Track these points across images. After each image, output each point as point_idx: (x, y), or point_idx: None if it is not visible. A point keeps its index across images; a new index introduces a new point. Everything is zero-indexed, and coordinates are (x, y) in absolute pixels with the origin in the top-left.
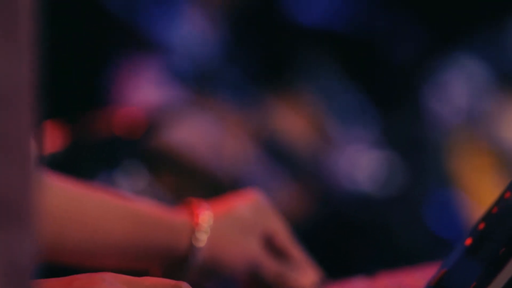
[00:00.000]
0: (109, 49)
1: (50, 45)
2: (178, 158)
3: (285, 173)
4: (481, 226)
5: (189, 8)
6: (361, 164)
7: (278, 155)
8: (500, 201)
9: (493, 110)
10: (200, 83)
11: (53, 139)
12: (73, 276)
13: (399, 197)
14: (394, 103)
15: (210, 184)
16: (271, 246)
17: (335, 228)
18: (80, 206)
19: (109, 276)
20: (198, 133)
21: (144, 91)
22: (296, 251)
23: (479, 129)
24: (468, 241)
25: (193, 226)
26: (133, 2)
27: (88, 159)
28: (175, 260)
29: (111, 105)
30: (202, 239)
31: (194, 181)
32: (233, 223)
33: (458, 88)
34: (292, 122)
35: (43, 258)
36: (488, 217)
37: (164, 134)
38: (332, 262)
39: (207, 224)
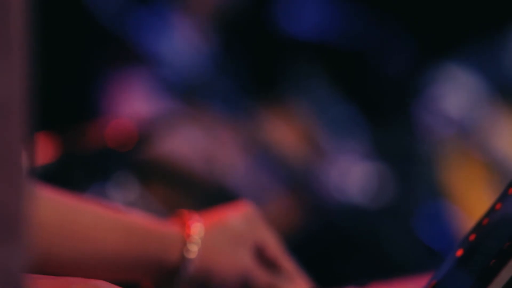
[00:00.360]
0: (100, 61)
1: (42, 58)
2: (169, 170)
3: (277, 183)
4: (472, 237)
5: (179, 20)
6: (352, 175)
7: (269, 165)
8: (491, 212)
9: (484, 121)
10: (191, 94)
11: (45, 150)
12: (68, 278)
13: (390, 208)
14: (386, 115)
15: (201, 196)
16: (262, 257)
17: (327, 239)
18: (72, 218)
19: (103, 284)
20: (189, 144)
21: (135, 102)
22: (287, 262)
23: (470, 141)
24: (459, 252)
25: (185, 238)
26: (124, 15)
27: (79, 171)
28: (166, 272)
29: (102, 117)
30: (193, 250)
31: (185, 193)
32: (224, 235)
33: (449, 99)
34: (284, 133)
35: (36, 271)
36: (479, 228)
37: (155, 146)
38: (324, 273)
39: (198, 235)
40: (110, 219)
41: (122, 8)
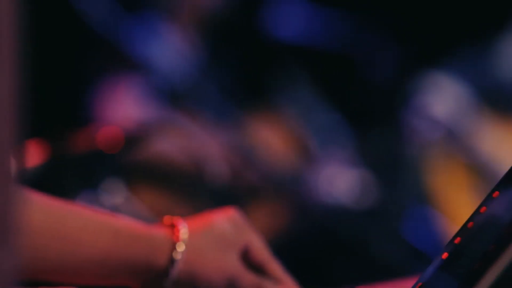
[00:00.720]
0: (90, 67)
1: (32, 64)
2: (157, 172)
3: (264, 187)
4: (457, 240)
5: (168, 27)
6: (339, 181)
7: (257, 169)
8: (476, 216)
9: (469, 126)
10: (179, 101)
11: (33, 154)
12: None
13: (377, 213)
14: (372, 121)
15: (188, 198)
16: (250, 261)
17: (313, 243)
18: (60, 221)
19: None
20: (177, 147)
21: (124, 109)
22: (274, 266)
23: (456, 146)
24: (444, 255)
25: (172, 240)
26: (114, 22)
27: (67, 173)
28: (154, 274)
29: (90, 124)
30: (179, 252)
31: (173, 196)
32: (210, 238)
33: (435, 106)
34: (271, 137)
35: (25, 275)
36: (464, 231)
37: (143, 148)
38: (311, 277)
39: (183, 238)
40: (98, 222)
41: (112, 15)
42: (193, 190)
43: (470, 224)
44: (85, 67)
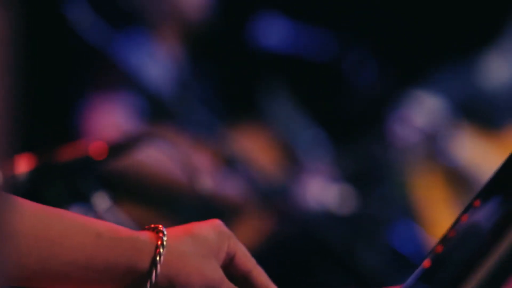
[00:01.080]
0: (77, 82)
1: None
2: (141, 185)
3: (249, 199)
4: (439, 249)
5: (152, 40)
6: (322, 191)
7: (241, 180)
8: (457, 225)
9: (448, 138)
10: (164, 113)
11: (18, 163)
12: None
13: (361, 222)
14: (354, 133)
15: (173, 212)
16: (234, 269)
17: (298, 253)
18: (42, 224)
19: None
20: (162, 160)
21: (111, 122)
22: (259, 275)
23: (436, 157)
24: (427, 264)
25: (155, 245)
26: (100, 37)
27: (51, 181)
28: (136, 277)
29: (78, 137)
30: (161, 255)
31: (156, 209)
32: (193, 243)
33: (416, 119)
34: (255, 149)
35: (8, 282)
36: (445, 240)
37: (127, 160)
38: (295, 286)
39: (166, 241)
40: (81, 225)
41: (100, 31)
42: (178, 202)
43: (452, 233)
44: (72, 82)
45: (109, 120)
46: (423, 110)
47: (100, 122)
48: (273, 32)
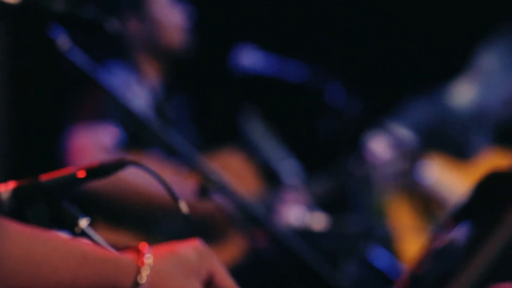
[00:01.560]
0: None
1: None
2: (120, 203)
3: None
4: (415, 268)
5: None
6: (299, 214)
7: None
8: (430, 247)
9: (418, 169)
10: (146, 138)
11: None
12: None
13: (341, 238)
14: (325, 166)
15: (153, 235)
16: None
17: (278, 271)
18: (29, 245)
19: None
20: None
21: (92, 154)
22: None
23: (407, 186)
24: (403, 283)
25: (138, 265)
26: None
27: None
28: None
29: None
30: (143, 276)
31: (135, 232)
32: (175, 264)
33: (385, 152)
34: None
35: None
36: (421, 260)
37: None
38: None
39: (148, 262)
40: (66, 247)
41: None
42: (159, 221)
43: (426, 253)
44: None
45: (92, 147)
46: (392, 140)
47: (83, 148)
48: (249, 61)
